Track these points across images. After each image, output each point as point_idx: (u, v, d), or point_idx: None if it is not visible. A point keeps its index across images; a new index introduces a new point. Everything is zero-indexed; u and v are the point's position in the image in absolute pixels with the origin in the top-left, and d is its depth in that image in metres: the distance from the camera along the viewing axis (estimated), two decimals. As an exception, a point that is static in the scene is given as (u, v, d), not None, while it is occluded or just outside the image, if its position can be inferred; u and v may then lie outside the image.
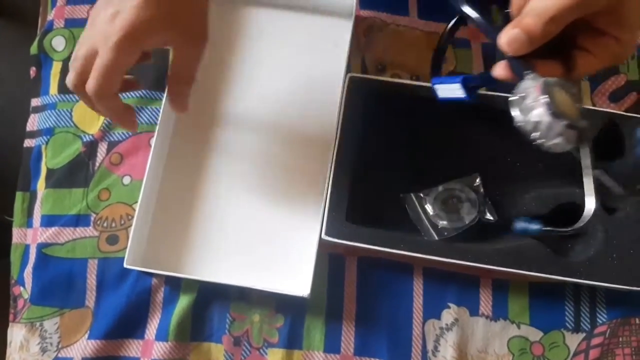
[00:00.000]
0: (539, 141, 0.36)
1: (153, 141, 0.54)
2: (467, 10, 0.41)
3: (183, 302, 0.53)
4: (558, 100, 0.35)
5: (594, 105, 0.60)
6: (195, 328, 0.53)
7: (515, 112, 0.37)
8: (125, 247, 0.53)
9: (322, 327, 0.53)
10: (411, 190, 0.55)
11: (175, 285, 0.54)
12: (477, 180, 0.54)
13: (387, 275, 0.54)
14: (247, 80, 0.59)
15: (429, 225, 0.53)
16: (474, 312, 0.54)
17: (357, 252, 0.54)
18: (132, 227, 0.52)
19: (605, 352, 0.53)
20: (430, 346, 0.53)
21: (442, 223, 0.53)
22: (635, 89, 0.60)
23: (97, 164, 0.57)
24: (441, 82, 0.45)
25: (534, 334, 0.54)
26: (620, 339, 0.54)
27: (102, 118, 0.58)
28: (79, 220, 0.56)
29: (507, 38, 0.36)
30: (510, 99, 0.37)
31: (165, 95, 0.55)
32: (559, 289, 0.54)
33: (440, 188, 0.54)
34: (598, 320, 0.54)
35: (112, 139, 0.57)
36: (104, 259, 0.55)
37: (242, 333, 0.53)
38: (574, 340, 0.54)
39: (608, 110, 0.56)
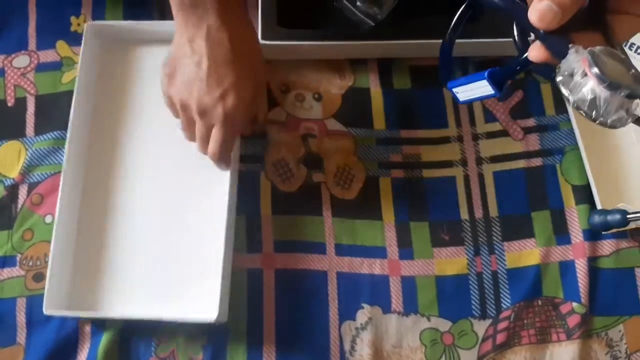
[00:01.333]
0: (600, 120, 0.31)
1: (60, 181, 0.57)
2: None
3: (109, 332, 0.55)
4: (610, 70, 0.31)
5: (483, 106, 0.64)
6: (122, 356, 0.55)
7: (566, 93, 0.32)
8: None
9: (244, 345, 0.55)
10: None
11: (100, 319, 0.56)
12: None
13: (303, 284, 0.57)
14: (147, 117, 0.62)
15: (362, 16, 0.59)
16: (387, 309, 0.57)
17: (273, 263, 0.57)
18: (48, 271, 0.54)
19: (511, 335, 0.56)
20: (347, 347, 0.56)
21: (374, 10, 0.59)
22: (521, 87, 0.65)
23: (19, 206, 0.59)
24: (460, 84, 0.40)
25: (444, 325, 0.57)
26: (525, 321, 0.57)
27: (22, 161, 0.61)
28: (6, 261, 0.58)
29: (538, 12, 0.33)
30: (557, 79, 0.33)
31: (68, 135, 0.58)
32: (464, 279, 0.58)
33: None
34: (503, 305, 0.57)
35: (32, 180, 0.60)
36: (31, 296, 0.57)
37: (168, 354, 0.56)
38: (481, 327, 0.57)
39: None
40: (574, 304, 0.57)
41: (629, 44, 0.60)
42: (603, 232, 0.58)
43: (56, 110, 0.62)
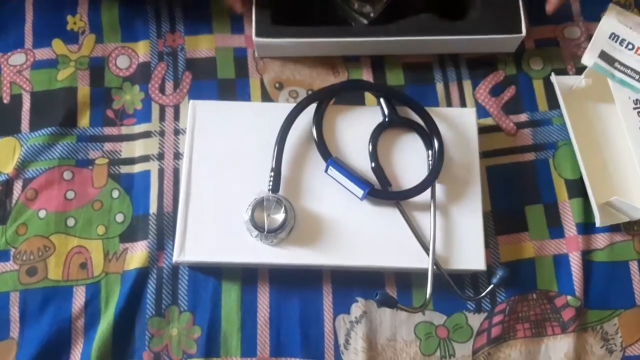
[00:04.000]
0: None
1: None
2: None
3: (103, 326, 0.55)
4: None
5: (476, 101, 0.64)
6: (117, 350, 0.55)
7: None
8: (45, 278, 0.56)
9: (238, 333, 0.56)
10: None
11: (95, 311, 0.56)
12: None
13: (297, 281, 0.57)
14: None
15: (355, 14, 0.60)
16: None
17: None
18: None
19: (506, 328, 0.56)
20: (341, 340, 0.56)
21: (367, 8, 0.60)
22: (514, 82, 0.65)
23: (14, 201, 0.59)
24: (340, 172, 0.52)
25: (438, 318, 0.57)
26: (520, 315, 0.57)
27: (16, 157, 0.61)
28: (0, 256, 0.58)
29: None
30: None
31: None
32: (458, 274, 0.58)
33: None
34: (498, 299, 0.57)
35: (27, 176, 0.60)
36: (25, 290, 0.57)
37: (161, 348, 0.55)
38: (476, 320, 0.57)
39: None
40: (569, 298, 0.57)
41: (618, 39, 0.61)
42: (597, 226, 0.58)
43: (51, 106, 0.63)
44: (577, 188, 0.60)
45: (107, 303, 0.57)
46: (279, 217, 0.53)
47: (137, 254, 0.58)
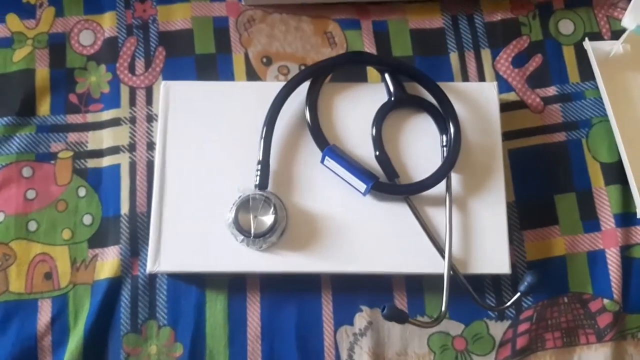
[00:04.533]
0: None
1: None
2: None
3: (72, 344, 0.49)
4: None
5: (496, 73, 0.56)
6: (90, 368, 0.49)
7: None
8: (6, 291, 0.51)
9: (225, 350, 0.49)
10: None
11: (63, 327, 0.50)
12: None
13: (292, 288, 0.51)
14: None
15: None
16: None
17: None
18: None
19: (533, 338, 0.49)
20: (344, 355, 0.49)
21: None
22: (540, 50, 0.57)
23: (-32, 204, 0.52)
24: (339, 164, 0.45)
25: (455, 328, 0.50)
26: (549, 322, 0.50)
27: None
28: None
29: None
30: None
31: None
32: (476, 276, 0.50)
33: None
34: (524, 304, 0.51)
35: (-20, 174, 0.53)
36: (-18, 303, 0.50)
37: (139, 367, 0.49)
38: (498, 329, 0.50)
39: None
40: (605, 301, 0.50)
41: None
42: (638, 217, 0.51)
43: (6, 92, 0.56)
44: (615, 173, 0.54)
45: (76, 318, 0.51)
46: (268, 218, 0.45)
47: (108, 262, 0.51)
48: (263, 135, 0.47)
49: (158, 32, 0.57)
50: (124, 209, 0.52)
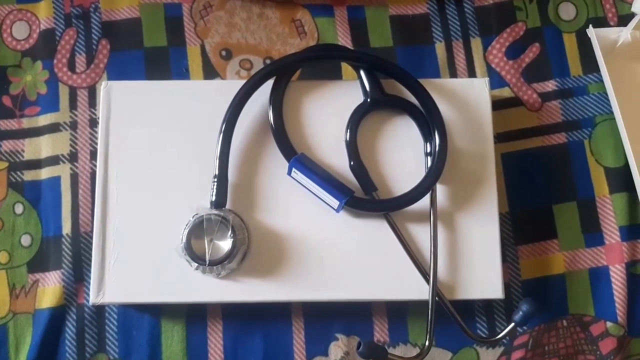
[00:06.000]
0: None
1: None
2: None
3: None
4: None
5: (488, 65, 0.50)
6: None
7: None
8: None
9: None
10: None
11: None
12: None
13: (259, 315, 0.45)
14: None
15: None
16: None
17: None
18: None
19: (528, 366, 0.44)
20: (318, 390, 0.44)
21: None
22: (537, 39, 0.51)
23: None
24: (307, 177, 0.40)
25: (442, 356, 0.45)
26: (546, 348, 0.45)
27: None
28: None
29: None
30: None
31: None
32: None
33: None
34: (517, 328, 0.45)
35: None
36: None
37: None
38: (490, 357, 0.45)
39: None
40: (609, 324, 0.45)
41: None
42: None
43: None
44: (622, 179, 0.48)
45: (17, 351, 0.45)
46: (225, 243, 0.39)
47: (49, 288, 0.45)
48: (219, 144, 0.41)
49: (101, 22, 0.50)
50: (66, 228, 0.46)
